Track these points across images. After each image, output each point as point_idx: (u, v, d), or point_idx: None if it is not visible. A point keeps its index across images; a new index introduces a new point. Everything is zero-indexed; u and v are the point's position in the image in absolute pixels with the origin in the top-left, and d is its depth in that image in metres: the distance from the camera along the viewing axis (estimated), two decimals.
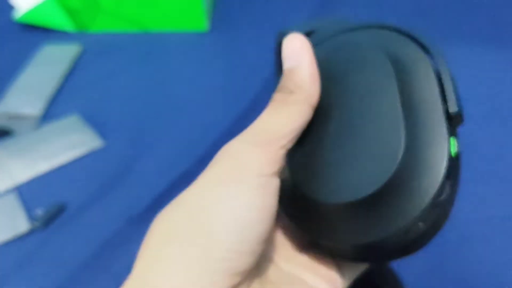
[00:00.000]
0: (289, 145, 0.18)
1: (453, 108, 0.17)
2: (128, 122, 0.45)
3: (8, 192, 0.39)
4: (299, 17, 0.59)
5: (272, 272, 0.20)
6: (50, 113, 0.46)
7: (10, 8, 0.60)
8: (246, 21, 0.58)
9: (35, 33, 0.57)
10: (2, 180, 0.40)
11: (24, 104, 0.47)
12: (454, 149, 0.17)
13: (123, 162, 0.41)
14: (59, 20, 0.57)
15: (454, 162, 0.17)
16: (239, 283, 0.17)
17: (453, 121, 0.17)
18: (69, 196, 0.38)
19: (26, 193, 0.39)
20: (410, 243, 0.17)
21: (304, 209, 0.18)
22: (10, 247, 0.35)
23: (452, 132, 0.17)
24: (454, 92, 0.18)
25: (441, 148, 0.16)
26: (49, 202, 0.38)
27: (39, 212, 0.37)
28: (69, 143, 0.42)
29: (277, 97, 0.19)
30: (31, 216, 0.37)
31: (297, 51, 0.19)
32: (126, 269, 0.37)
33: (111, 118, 0.45)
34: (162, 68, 0.52)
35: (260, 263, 0.19)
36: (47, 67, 0.52)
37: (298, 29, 0.20)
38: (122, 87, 0.49)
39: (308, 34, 0.21)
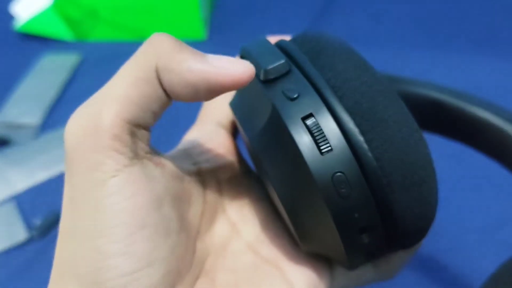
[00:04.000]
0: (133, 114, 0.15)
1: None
2: None
3: (6, 201, 0.39)
4: (296, 25, 0.59)
5: (238, 258, 0.19)
6: (49, 123, 0.47)
7: (10, 17, 0.61)
8: (244, 30, 0.59)
9: (35, 42, 0.58)
10: (0, 189, 0.40)
11: (23, 113, 0.47)
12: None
13: None
14: (58, 29, 0.57)
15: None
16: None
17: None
18: None
19: (25, 202, 0.39)
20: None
21: None
22: (7, 256, 0.35)
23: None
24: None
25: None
26: (47, 211, 0.38)
27: (37, 221, 0.37)
28: None
29: None
30: (29, 225, 0.37)
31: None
32: None
33: None
34: None
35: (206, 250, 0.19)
36: (46, 77, 0.52)
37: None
38: None
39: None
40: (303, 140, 0.15)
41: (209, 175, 0.21)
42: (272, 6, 0.63)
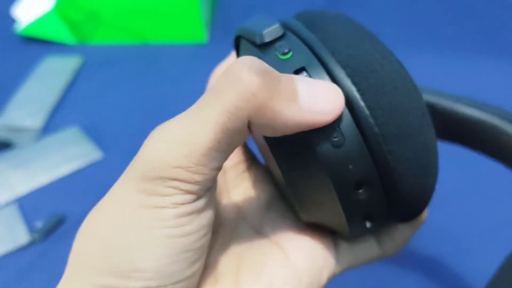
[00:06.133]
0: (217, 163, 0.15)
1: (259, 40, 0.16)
2: (127, 134, 0.45)
3: (8, 204, 0.39)
4: None
5: (242, 240, 0.19)
6: (51, 125, 0.47)
7: (12, 21, 0.61)
8: None
9: (37, 45, 0.58)
10: (2, 192, 0.40)
11: (25, 116, 0.47)
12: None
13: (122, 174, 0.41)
14: (60, 32, 0.58)
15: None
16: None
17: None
18: (68, 208, 0.39)
19: (26, 205, 0.39)
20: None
21: None
22: (9, 259, 0.35)
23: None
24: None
25: None
26: (48, 214, 0.38)
27: (39, 224, 0.37)
28: (69, 155, 0.43)
29: None
30: (30, 228, 0.37)
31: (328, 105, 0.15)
32: None
33: (110, 130, 0.46)
34: (161, 79, 0.52)
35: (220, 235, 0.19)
36: (48, 79, 0.52)
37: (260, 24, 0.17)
38: (122, 99, 0.50)
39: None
40: None
41: None
42: (273, 9, 0.64)
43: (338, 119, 0.15)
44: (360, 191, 0.15)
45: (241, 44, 0.19)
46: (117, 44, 0.58)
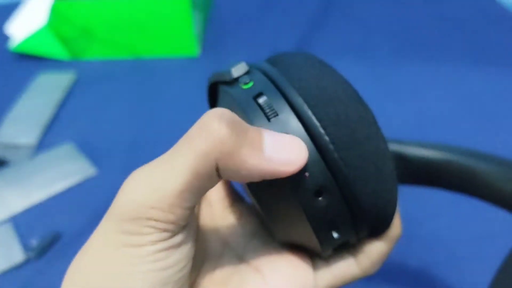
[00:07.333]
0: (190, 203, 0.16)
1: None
2: (121, 149, 0.46)
3: (3, 222, 0.39)
4: (288, 40, 0.60)
5: (226, 267, 0.20)
6: (45, 142, 0.47)
7: (6, 38, 0.61)
8: (236, 46, 0.59)
9: (30, 62, 0.58)
10: None
11: (19, 134, 0.47)
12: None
13: (116, 190, 0.41)
14: (53, 48, 0.58)
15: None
16: None
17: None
18: (63, 225, 0.39)
19: (21, 223, 0.39)
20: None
21: None
22: (5, 277, 0.35)
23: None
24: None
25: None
26: (44, 232, 0.38)
27: (34, 242, 0.37)
28: (64, 172, 0.43)
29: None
30: (26, 246, 0.37)
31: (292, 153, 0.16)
32: None
33: (104, 145, 0.46)
34: (154, 94, 0.53)
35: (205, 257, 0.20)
36: (41, 96, 0.52)
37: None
38: (115, 114, 0.50)
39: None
40: (253, 113, 0.17)
41: (203, 199, 0.22)
42: (264, 22, 0.64)
43: (292, 130, 0.16)
44: (320, 198, 0.17)
45: (219, 88, 0.21)
46: (110, 59, 0.59)
